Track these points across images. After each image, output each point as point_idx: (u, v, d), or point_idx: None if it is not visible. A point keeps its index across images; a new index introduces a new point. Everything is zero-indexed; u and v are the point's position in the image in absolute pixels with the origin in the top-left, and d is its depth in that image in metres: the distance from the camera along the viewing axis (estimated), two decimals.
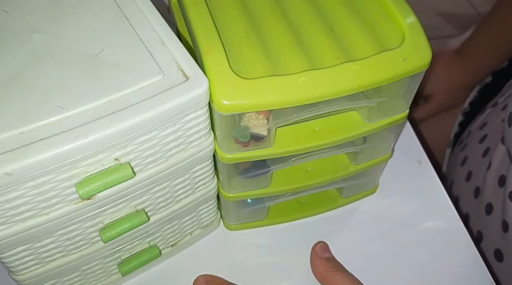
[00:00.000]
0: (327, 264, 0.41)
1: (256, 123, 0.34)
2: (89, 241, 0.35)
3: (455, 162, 0.63)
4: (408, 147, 0.51)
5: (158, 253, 0.40)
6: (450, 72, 0.69)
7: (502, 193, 0.51)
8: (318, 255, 0.42)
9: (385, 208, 0.47)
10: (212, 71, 0.31)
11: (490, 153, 0.56)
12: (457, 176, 0.61)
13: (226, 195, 0.40)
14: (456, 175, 0.61)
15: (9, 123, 0.28)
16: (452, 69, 0.69)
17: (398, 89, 0.36)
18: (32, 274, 0.34)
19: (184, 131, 0.32)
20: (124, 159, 0.30)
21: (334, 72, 0.32)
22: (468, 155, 0.60)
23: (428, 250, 0.44)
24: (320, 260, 0.42)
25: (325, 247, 0.43)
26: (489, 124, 0.61)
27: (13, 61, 0.31)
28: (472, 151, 0.60)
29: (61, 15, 0.34)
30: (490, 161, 0.54)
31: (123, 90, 0.29)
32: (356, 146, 0.40)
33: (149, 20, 0.34)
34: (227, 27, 0.35)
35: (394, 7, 0.36)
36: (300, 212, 0.46)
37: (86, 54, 0.31)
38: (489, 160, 0.55)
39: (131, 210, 0.35)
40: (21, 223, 0.30)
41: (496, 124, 0.60)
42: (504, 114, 0.59)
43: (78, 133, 0.27)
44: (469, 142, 0.63)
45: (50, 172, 0.28)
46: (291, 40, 0.35)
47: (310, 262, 0.42)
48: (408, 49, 0.33)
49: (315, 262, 0.42)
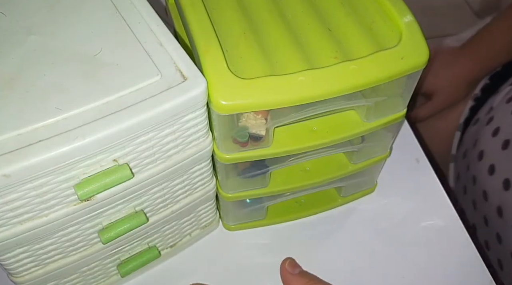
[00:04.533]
0: (302, 279, 0.40)
1: (254, 123, 0.34)
2: (88, 242, 0.35)
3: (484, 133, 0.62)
4: (406, 146, 0.51)
5: (158, 254, 0.40)
6: (454, 67, 0.69)
7: None
8: (290, 273, 0.41)
9: (384, 207, 0.47)
10: (210, 72, 0.31)
11: None
12: (489, 146, 0.59)
13: (225, 195, 0.40)
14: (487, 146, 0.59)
15: (7, 124, 0.28)
16: (456, 64, 0.69)
17: (395, 88, 0.37)
18: (31, 276, 0.34)
19: (183, 131, 0.32)
20: (122, 160, 0.30)
21: (332, 72, 0.32)
22: (501, 126, 0.59)
23: (427, 248, 0.44)
24: (293, 276, 0.40)
25: (294, 263, 0.42)
26: None
27: (10, 62, 0.31)
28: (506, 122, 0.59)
29: (58, 16, 0.34)
30: None
31: (121, 91, 0.29)
32: (354, 145, 0.40)
33: (147, 21, 0.34)
34: (224, 28, 0.35)
35: (391, 6, 0.36)
36: (299, 211, 0.46)
37: (83, 55, 0.31)
38: None
39: (130, 211, 0.35)
40: (20, 225, 0.30)
41: None
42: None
43: (76, 134, 0.27)
44: (497, 114, 0.62)
45: (48, 174, 0.28)
46: (288, 40, 0.35)
47: (282, 281, 0.41)
48: (405, 48, 0.34)
49: (289, 281, 0.40)
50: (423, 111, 0.71)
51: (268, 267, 0.43)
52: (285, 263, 0.41)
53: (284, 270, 0.41)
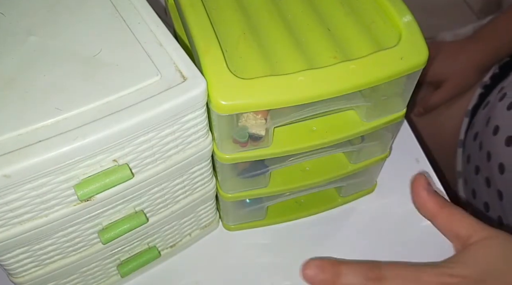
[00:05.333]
0: (437, 199, 0.37)
1: (254, 123, 0.34)
2: (88, 242, 0.35)
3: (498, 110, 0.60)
4: (406, 145, 0.51)
5: (157, 254, 0.40)
6: (464, 53, 0.68)
7: None
8: (425, 189, 0.37)
9: (384, 207, 0.47)
10: (210, 72, 0.31)
11: None
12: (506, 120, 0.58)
13: (224, 195, 0.40)
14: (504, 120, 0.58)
15: (7, 125, 0.28)
16: (465, 51, 0.68)
17: (395, 88, 0.37)
18: (31, 277, 0.34)
19: (182, 131, 0.32)
20: (122, 160, 0.30)
21: (331, 72, 0.32)
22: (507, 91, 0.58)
23: (427, 248, 0.44)
24: (429, 195, 0.37)
25: (429, 181, 0.38)
26: None
27: (10, 63, 0.31)
28: None
29: (58, 17, 0.34)
30: None
31: (121, 91, 0.29)
32: (354, 145, 0.40)
33: (146, 21, 0.34)
34: (224, 28, 0.35)
35: (391, 6, 0.36)
36: (298, 211, 0.46)
37: (83, 55, 0.31)
38: None
39: (130, 211, 0.35)
40: (20, 225, 0.30)
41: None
42: None
43: (76, 135, 0.27)
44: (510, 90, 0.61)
45: (48, 174, 0.28)
46: (288, 40, 0.35)
47: (413, 198, 0.37)
48: (405, 48, 0.34)
49: (423, 198, 0.37)
50: (434, 99, 0.70)
51: (268, 267, 0.43)
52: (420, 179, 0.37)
53: (418, 186, 0.38)
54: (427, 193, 0.38)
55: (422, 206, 0.38)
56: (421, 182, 0.38)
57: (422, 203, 0.38)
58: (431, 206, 0.37)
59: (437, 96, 0.70)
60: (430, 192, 0.38)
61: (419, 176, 0.38)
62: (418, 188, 0.38)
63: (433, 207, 0.37)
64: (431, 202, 0.37)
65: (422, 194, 0.38)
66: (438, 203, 0.37)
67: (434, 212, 0.37)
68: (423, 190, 0.38)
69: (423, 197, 0.38)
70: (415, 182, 0.39)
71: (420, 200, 0.38)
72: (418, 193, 0.38)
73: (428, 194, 0.38)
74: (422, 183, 0.38)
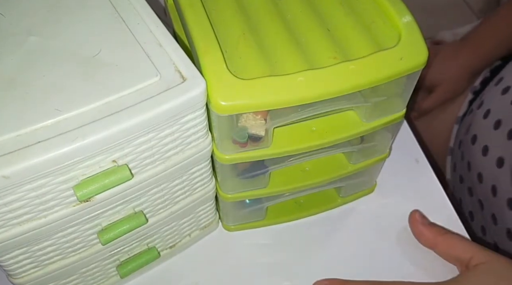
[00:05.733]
0: (434, 229, 0.42)
1: (254, 123, 0.34)
2: (88, 243, 0.35)
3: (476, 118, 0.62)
4: (406, 146, 0.51)
5: (157, 254, 0.40)
6: (455, 58, 0.69)
7: None
8: (421, 223, 0.43)
9: (383, 207, 0.47)
10: (209, 72, 0.31)
11: None
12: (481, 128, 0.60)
13: (224, 196, 0.40)
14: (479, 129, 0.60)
15: (6, 125, 0.28)
16: (457, 56, 0.69)
17: (395, 88, 0.37)
18: (30, 277, 0.34)
19: (182, 132, 0.32)
20: (122, 161, 0.30)
21: (331, 72, 0.32)
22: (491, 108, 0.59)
23: (427, 248, 0.44)
24: (425, 227, 0.42)
25: (423, 214, 0.44)
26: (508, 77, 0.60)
27: (10, 63, 0.31)
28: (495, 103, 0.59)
29: (58, 17, 0.34)
30: None
31: (120, 91, 0.29)
32: (354, 145, 0.40)
33: (146, 21, 0.34)
34: (223, 28, 0.35)
35: (390, 6, 0.36)
36: (298, 212, 0.46)
37: (83, 56, 0.31)
38: None
39: (129, 212, 0.35)
40: (19, 226, 0.30)
41: None
42: None
43: (75, 135, 0.27)
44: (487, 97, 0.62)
45: (47, 175, 0.28)
46: (288, 40, 0.35)
47: (413, 232, 0.43)
48: (404, 48, 0.34)
49: (421, 230, 0.43)
50: (426, 103, 0.71)
51: (268, 268, 0.43)
52: (415, 215, 0.44)
53: (415, 221, 0.43)
54: (423, 226, 0.43)
55: (421, 237, 0.43)
56: (416, 217, 0.44)
57: (420, 235, 0.43)
58: (429, 236, 0.43)
59: (429, 100, 0.71)
60: (425, 224, 0.43)
61: (413, 213, 0.45)
62: (414, 223, 0.44)
63: (431, 236, 0.42)
64: (428, 232, 0.43)
65: (419, 227, 0.43)
66: (435, 232, 0.43)
67: (433, 241, 0.43)
68: (419, 224, 0.43)
69: (420, 229, 0.43)
70: (411, 219, 0.45)
71: (419, 232, 0.44)
72: (415, 227, 0.44)
73: (424, 226, 0.43)
74: (417, 218, 0.44)
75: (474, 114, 0.62)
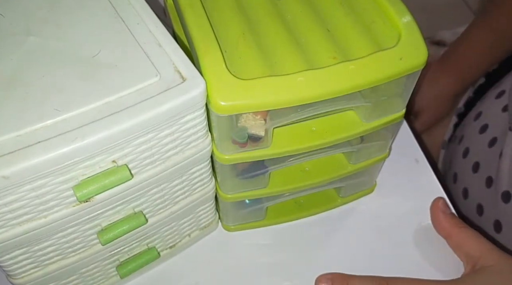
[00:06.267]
0: (452, 220, 0.42)
1: (254, 123, 0.34)
2: (87, 243, 0.35)
3: (456, 155, 0.63)
4: (405, 146, 0.51)
5: (157, 255, 0.40)
6: (436, 84, 0.69)
7: None
8: (442, 211, 0.43)
9: (383, 207, 0.47)
10: (209, 72, 0.31)
11: (499, 142, 0.55)
12: (462, 168, 0.60)
13: (224, 196, 0.40)
14: (460, 168, 0.61)
15: (6, 126, 0.28)
16: (438, 81, 0.69)
17: (394, 88, 0.37)
18: (30, 278, 0.34)
19: (182, 132, 0.32)
20: (121, 161, 0.30)
21: (331, 72, 0.32)
22: (470, 146, 0.59)
23: (427, 248, 0.44)
24: (445, 215, 0.42)
25: (447, 203, 0.44)
26: (486, 113, 0.61)
27: (9, 63, 0.31)
28: (474, 142, 0.60)
29: (57, 17, 0.34)
30: (502, 150, 0.54)
31: (120, 92, 0.29)
32: (354, 145, 0.40)
33: (145, 21, 0.34)
34: (223, 28, 0.35)
35: (390, 6, 0.36)
36: (298, 212, 0.46)
37: (82, 56, 0.31)
38: (500, 148, 0.55)
39: (129, 212, 0.35)
40: (19, 226, 0.30)
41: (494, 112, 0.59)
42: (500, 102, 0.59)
43: (75, 136, 0.27)
44: (467, 133, 0.62)
45: (47, 175, 0.28)
46: (287, 41, 0.35)
47: (432, 217, 0.44)
48: (404, 48, 0.34)
49: (439, 218, 0.43)
50: None
51: (268, 268, 0.43)
52: (438, 202, 0.44)
53: (436, 208, 0.43)
54: (443, 214, 0.43)
55: (438, 225, 0.44)
56: (439, 204, 0.44)
57: (438, 222, 0.43)
58: (446, 225, 0.43)
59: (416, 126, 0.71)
60: (446, 213, 0.44)
61: (438, 199, 0.45)
62: (435, 210, 0.44)
63: (448, 226, 0.42)
64: (446, 222, 0.43)
65: (439, 214, 0.43)
66: (453, 223, 0.43)
67: (449, 231, 0.43)
68: (440, 212, 0.43)
69: (440, 217, 0.43)
70: (433, 204, 0.45)
71: (437, 219, 0.45)
72: (435, 213, 0.44)
73: (444, 215, 0.43)
74: (439, 205, 0.44)
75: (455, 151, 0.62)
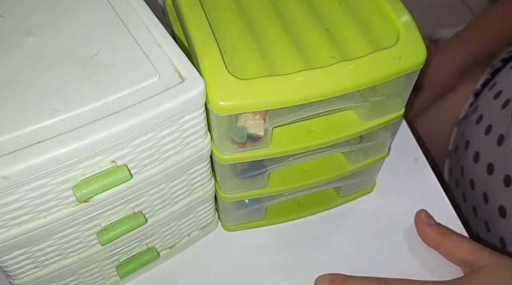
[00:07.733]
0: (438, 229, 0.42)
1: (253, 123, 0.34)
2: (87, 244, 0.35)
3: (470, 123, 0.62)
4: (405, 145, 0.51)
5: (156, 255, 0.40)
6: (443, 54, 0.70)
7: None
8: (426, 223, 0.43)
9: (383, 206, 0.47)
10: (208, 72, 0.31)
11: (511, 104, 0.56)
12: (474, 135, 0.61)
13: (223, 196, 0.40)
14: (472, 135, 0.61)
15: (5, 126, 0.28)
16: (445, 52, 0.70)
17: (393, 87, 0.37)
18: (30, 278, 0.34)
19: (181, 132, 0.32)
20: (121, 161, 0.30)
21: (329, 72, 0.32)
22: (483, 113, 0.60)
23: (426, 248, 0.44)
24: (430, 227, 0.43)
25: (429, 214, 0.44)
26: (501, 82, 0.61)
27: (8, 64, 0.31)
28: (487, 108, 0.60)
29: (56, 17, 0.34)
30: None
31: (119, 92, 0.29)
32: (353, 145, 0.40)
33: (144, 22, 0.34)
34: (222, 28, 0.35)
35: (389, 6, 0.36)
36: (298, 212, 0.46)
37: (81, 56, 0.31)
38: None
39: (128, 212, 0.35)
40: (18, 226, 0.30)
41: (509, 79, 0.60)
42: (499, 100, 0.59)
43: (74, 136, 0.27)
44: (481, 102, 0.62)
45: (47, 175, 0.28)
46: (286, 40, 0.35)
47: (417, 231, 0.44)
48: (403, 47, 0.34)
49: (425, 230, 0.43)
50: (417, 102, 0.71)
51: (268, 267, 0.43)
52: (420, 214, 0.44)
53: (420, 220, 0.44)
54: (428, 226, 0.43)
55: (425, 236, 0.44)
56: (421, 217, 0.44)
57: (424, 234, 0.44)
58: (433, 235, 0.43)
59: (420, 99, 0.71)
60: (430, 224, 0.44)
61: (419, 212, 0.45)
62: (419, 222, 0.44)
63: (435, 236, 0.43)
64: (432, 233, 0.43)
65: (424, 227, 0.43)
66: (440, 233, 0.43)
67: (437, 241, 0.44)
68: (424, 224, 0.43)
69: (425, 229, 0.43)
70: (416, 218, 0.45)
71: (423, 232, 0.44)
72: (420, 226, 0.44)
73: (429, 226, 0.43)
74: (422, 218, 0.44)
75: (469, 120, 0.63)
